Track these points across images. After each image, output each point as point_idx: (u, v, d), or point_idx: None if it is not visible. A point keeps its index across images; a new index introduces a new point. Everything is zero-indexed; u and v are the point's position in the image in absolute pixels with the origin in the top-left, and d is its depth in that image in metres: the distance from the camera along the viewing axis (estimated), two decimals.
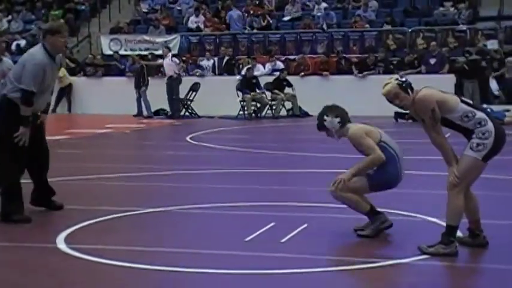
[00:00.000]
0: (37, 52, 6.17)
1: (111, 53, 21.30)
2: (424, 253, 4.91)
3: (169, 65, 18.41)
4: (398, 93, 5.00)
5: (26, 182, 6.49)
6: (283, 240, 5.45)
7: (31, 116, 6.15)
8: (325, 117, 5.63)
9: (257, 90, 18.20)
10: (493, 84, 17.78)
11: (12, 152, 6.09)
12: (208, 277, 4.59)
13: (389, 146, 5.51)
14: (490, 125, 4.84)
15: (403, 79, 5.07)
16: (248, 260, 5.01)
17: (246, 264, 4.89)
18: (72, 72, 20.23)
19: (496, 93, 17.69)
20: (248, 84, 18.20)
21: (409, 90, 4.99)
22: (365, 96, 18.05)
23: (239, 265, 4.83)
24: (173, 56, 18.68)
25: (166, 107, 18.78)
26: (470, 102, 4.99)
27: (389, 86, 5.03)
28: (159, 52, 20.79)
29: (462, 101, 4.94)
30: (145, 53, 20.43)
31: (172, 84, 18.19)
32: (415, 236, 5.35)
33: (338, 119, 5.59)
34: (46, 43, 6.17)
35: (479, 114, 4.87)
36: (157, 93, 18.24)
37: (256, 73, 18.78)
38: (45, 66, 6.11)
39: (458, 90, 17.58)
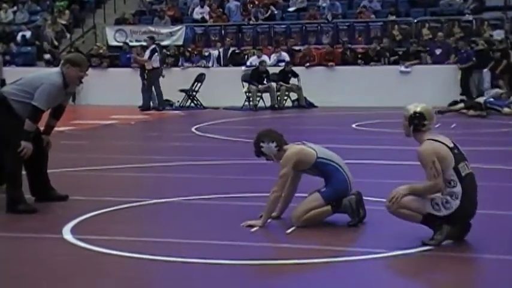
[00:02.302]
0: (55, 74, 6.25)
1: (116, 44, 21.31)
2: (428, 245, 4.92)
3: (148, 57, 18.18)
4: (404, 121, 5.11)
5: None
6: (289, 231, 5.45)
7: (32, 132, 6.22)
8: (261, 143, 5.68)
9: (265, 83, 18.14)
10: (486, 77, 17.63)
11: (15, 147, 6.13)
12: (214, 268, 4.60)
13: (328, 159, 5.64)
14: (455, 202, 4.90)
15: (418, 116, 5.03)
16: (254, 251, 5.02)
17: (253, 254, 4.90)
18: None
19: (486, 85, 17.53)
20: (259, 77, 18.14)
21: (411, 128, 5.04)
22: (370, 87, 18.04)
23: (245, 256, 4.83)
24: (152, 50, 18.11)
25: (172, 98, 18.76)
26: (463, 173, 4.95)
27: (408, 108, 5.11)
28: (165, 43, 20.78)
29: (455, 168, 4.93)
30: None
31: (152, 78, 18.01)
32: (422, 228, 5.33)
33: (274, 144, 5.65)
34: (64, 70, 6.24)
35: (457, 189, 4.90)
36: (162, 85, 18.19)
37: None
38: (57, 91, 6.19)
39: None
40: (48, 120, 6.57)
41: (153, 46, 18.22)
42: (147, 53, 18.09)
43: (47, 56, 21.13)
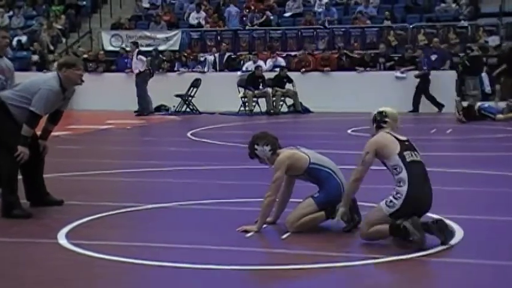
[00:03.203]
0: (52, 79, 6.23)
1: (112, 48, 21.31)
2: (417, 247, 4.95)
3: (135, 62, 18.15)
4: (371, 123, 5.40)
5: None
6: (284, 236, 5.45)
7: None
8: (255, 146, 5.70)
9: (261, 88, 18.15)
10: (485, 80, 17.67)
11: (12, 151, 6.11)
12: (209, 273, 4.60)
13: (321, 165, 5.64)
14: (404, 188, 5.04)
15: (382, 114, 5.32)
16: (249, 256, 5.02)
17: (248, 260, 4.90)
18: None
19: (487, 89, 17.59)
20: (254, 82, 18.15)
21: (374, 126, 5.33)
22: (366, 93, 18.05)
23: (240, 261, 4.83)
24: (139, 53, 18.18)
25: (167, 103, 18.77)
26: (408, 159, 5.11)
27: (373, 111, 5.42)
28: (161, 48, 20.78)
29: (400, 155, 5.09)
30: (149, 49, 20.34)
31: (139, 82, 17.94)
32: None
33: (269, 147, 5.66)
34: (61, 75, 6.23)
35: (403, 174, 5.06)
36: (158, 90, 18.21)
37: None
38: (55, 96, 6.18)
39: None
40: (46, 125, 6.57)
41: (137, 50, 18.19)
42: (136, 59, 18.02)
43: (35, 58, 21.08)
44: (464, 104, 16.00)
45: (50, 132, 6.62)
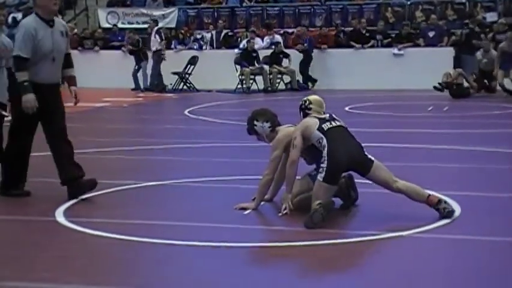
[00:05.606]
0: (27, 19, 6.16)
1: (109, 26, 21.20)
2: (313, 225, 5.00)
3: (152, 40, 18.16)
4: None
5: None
6: (281, 213, 5.46)
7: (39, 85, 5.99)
8: (255, 122, 5.72)
9: (256, 64, 18.10)
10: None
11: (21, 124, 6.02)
12: (207, 250, 4.62)
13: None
14: (325, 151, 5.22)
15: (306, 103, 5.68)
16: (247, 233, 5.03)
17: (245, 237, 4.92)
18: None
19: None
20: (248, 57, 18.08)
21: (301, 114, 5.64)
22: (363, 70, 18.01)
23: (238, 239, 4.85)
24: (157, 31, 18.17)
25: (165, 81, 18.70)
26: (326, 128, 5.36)
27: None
28: (158, 25, 20.66)
29: (319, 129, 5.34)
30: (145, 26, 20.26)
31: (155, 60, 17.90)
32: (411, 209, 5.35)
33: (268, 124, 5.69)
34: (36, 9, 6.11)
35: (324, 142, 5.28)
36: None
37: (255, 46, 18.67)
38: (35, 29, 5.96)
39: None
40: (63, 72, 6.37)
41: (156, 28, 18.15)
42: (155, 36, 18.02)
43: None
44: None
45: (73, 77, 6.51)
